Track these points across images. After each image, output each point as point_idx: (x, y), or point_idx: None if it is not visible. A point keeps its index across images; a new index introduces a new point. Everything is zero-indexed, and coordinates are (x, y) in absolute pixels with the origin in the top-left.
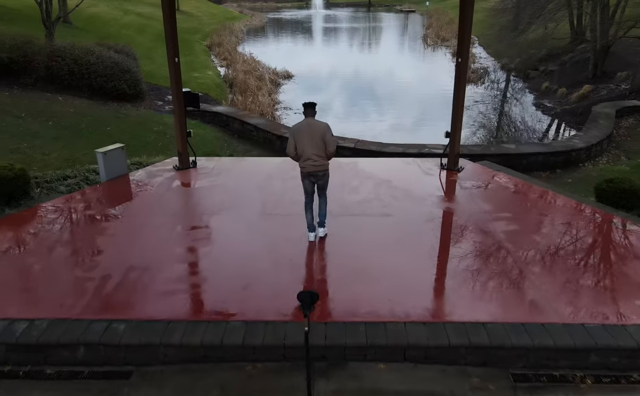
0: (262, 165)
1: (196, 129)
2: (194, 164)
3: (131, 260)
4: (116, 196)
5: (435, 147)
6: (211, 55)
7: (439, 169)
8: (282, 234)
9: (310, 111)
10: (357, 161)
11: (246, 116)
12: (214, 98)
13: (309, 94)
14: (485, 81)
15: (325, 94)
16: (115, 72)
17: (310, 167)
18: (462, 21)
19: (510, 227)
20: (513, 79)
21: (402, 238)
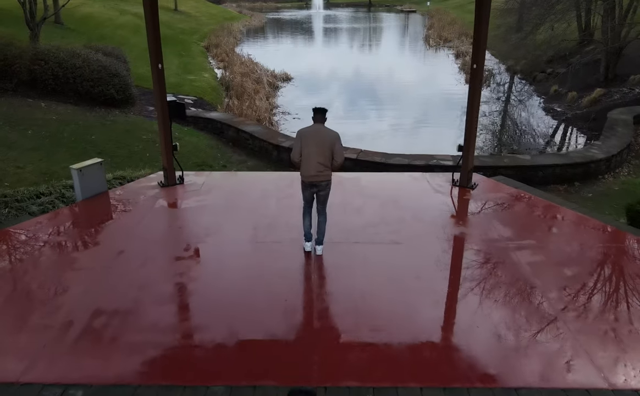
0: (256, 181)
1: (188, 137)
2: (181, 180)
3: (99, 301)
4: (91, 219)
5: (443, 159)
6: (208, 57)
7: (450, 186)
8: (276, 267)
9: (320, 116)
10: (360, 176)
11: (241, 123)
12: (209, 102)
13: (308, 98)
14: (490, 83)
15: (326, 97)
16: (103, 76)
17: (312, 176)
18: (478, 24)
19: (537, 258)
20: (519, 81)
21: (413, 271)
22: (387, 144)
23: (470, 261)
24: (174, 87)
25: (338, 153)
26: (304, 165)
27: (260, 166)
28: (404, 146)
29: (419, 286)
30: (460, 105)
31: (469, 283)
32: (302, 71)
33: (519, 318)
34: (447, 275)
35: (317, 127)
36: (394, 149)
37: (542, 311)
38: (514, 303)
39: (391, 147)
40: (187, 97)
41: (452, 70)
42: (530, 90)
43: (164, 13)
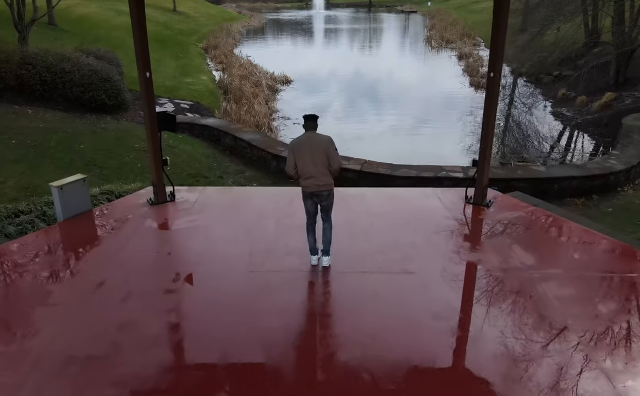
0: (253, 198)
1: (183, 145)
2: (172, 197)
3: (73, 345)
4: (71, 243)
5: (453, 170)
6: (206, 59)
7: (464, 204)
8: (272, 304)
9: (311, 124)
10: (365, 192)
11: (239, 131)
12: (206, 107)
13: (309, 102)
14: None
15: (327, 100)
16: (94, 81)
17: (313, 187)
18: (496, 30)
19: (565, 291)
20: (525, 84)
21: (428, 308)
22: (390, 147)
23: (491, 296)
24: (170, 91)
25: (333, 158)
26: (302, 177)
27: (259, 177)
28: (409, 150)
29: (435, 327)
30: (464, 107)
31: (491, 324)
32: (302, 73)
33: (552, 371)
34: (467, 313)
35: (309, 135)
36: (398, 151)
37: (580, 361)
38: (548, 352)
39: (394, 150)
40: (183, 102)
41: (455, 72)
42: (537, 93)
43: (162, 13)
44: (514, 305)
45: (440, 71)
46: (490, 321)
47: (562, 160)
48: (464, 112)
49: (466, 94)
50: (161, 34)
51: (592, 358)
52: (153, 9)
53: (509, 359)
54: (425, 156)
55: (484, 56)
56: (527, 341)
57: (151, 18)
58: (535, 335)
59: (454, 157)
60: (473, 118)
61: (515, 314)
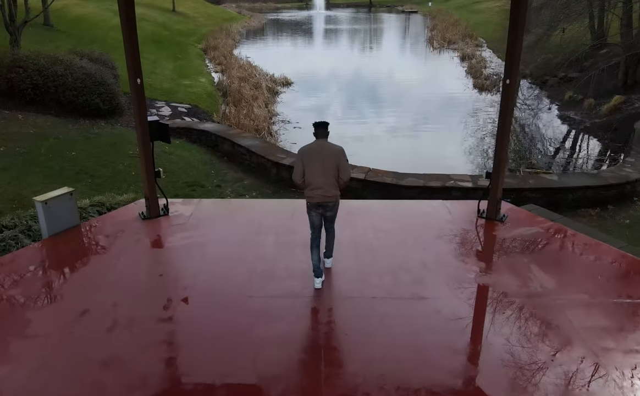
0: (251, 211)
1: (180, 151)
2: (166, 210)
3: (48, 387)
4: (56, 264)
5: (461, 179)
6: (205, 60)
7: (476, 218)
8: (273, 334)
9: (322, 131)
10: (371, 205)
11: (238, 136)
12: (204, 110)
13: (309, 105)
14: (500, 88)
15: (328, 102)
16: (87, 84)
17: (319, 197)
18: (513, 32)
19: (594, 321)
20: (530, 86)
21: (444, 341)
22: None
23: (512, 325)
24: (168, 94)
25: (344, 170)
26: (308, 186)
27: (258, 185)
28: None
29: (451, 363)
30: (468, 109)
31: (515, 358)
32: (302, 75)
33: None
34: (487, 346)
35: (320, 143)
36: (401, 155)
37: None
38: (579, 391)
39: (398, 154)
40: (180, 105)
41: (458, 73)
42: (543, 96)
43: (161, 14)
44: (538, 337)
45: (442, 72)
46: (513, 355)
47: (572, 166)
48: (467, 114)
49: (470, 96)
50: (159, 34)
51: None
52: (152, 10)
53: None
54: (430, 160)
55: (486, 57)
56: (552, 377)
57: (150, 18)
58: (560, 370)
59: (459, 160)
60: (476, 120)
61: (541, 347)
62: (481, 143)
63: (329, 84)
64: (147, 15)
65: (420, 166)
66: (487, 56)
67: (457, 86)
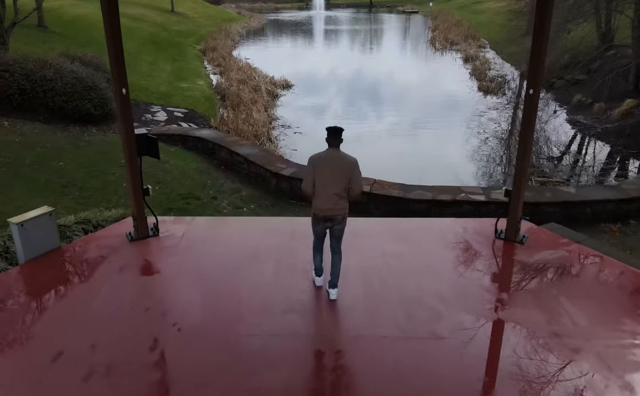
0: (248, 231)
1: (175, 160)
2: (156, 231)
3: None
4: (30, 294)
5: (473, 192)
6: (204, 61)
7: (493, 239)
8: (272, 383)
9: (335, 139)
10: (379, 223)
11: (235, 144)
12: (201, 115)
13: (310, 108)
14: (505, 90)
15: (329, 106)
16: (78, 89)
17: (327, 210)
18: (537, 39)
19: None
20: None
21: (467, 388)
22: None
23: (545, 371)
24: (164, 98)
25: (356, 182)
26: (317, 197)
27: (257, 197)
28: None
29: None
30: (473, 112)
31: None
32: (303, 77)
33: None
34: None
35: (332, 152)
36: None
37: None
38: None
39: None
40: (177, 110)
41: (462, 75)
42: (550, 99)
43: (159, 14)
44: (576, 389)
45: (446, 73)
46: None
47: (586, 175)
48: (473, 118)
49: (474, 98)
50: (158, 35)
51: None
52: (150, 10)
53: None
54: (437, 165)
55: (490, 58)
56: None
57: (148, 19)
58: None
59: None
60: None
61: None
62: (485, 146)
63: (330, 87)
64: (145, 16)
65: (426, 170)
66: (490, 57)
67: (461, 88)
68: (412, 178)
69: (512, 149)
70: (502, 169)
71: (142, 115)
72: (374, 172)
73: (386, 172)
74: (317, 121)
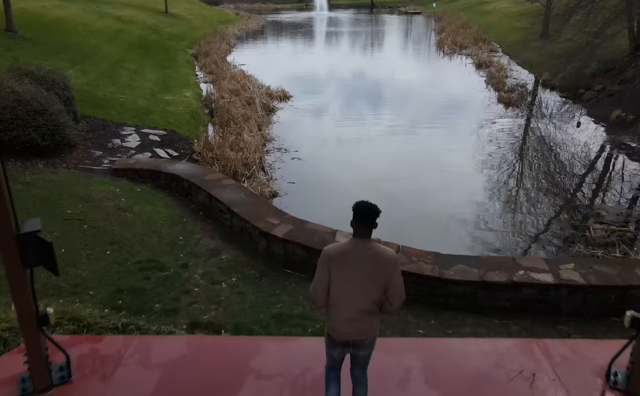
0: (217, 363)
1: (141, 205)
2: (66, 374)
3: None
4: None
5: (534, 268)
6: (196, 67)
7: (602, 388)
8: None
9: (365, 226)
10: (410, 352)
11: (216, 185)
12: (183, 137)
13: (311, 126)
14: (529, 102)
15: (334, 120)
16: (20, 114)
17: (351, 332)
18: None
19: None
20: (562, 100)
21: None
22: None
23: None
24: (141, 115)
25: (396, 292)
26: (334, 312)
27: (240, 264)
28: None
29: None
30: (498, 131)
31: None
32: (302, 86)
33: None
34: None
35: (360, 245)
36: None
37: None
38: None
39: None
40: (153, 131)
41: (477, 84)
42: (582, 113)
43: (152, 16)
44: None
45: (460, 82)
46: None
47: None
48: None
49: (496, 112)
50: (147, 39)
51: None
52: (142, 11)
53: None
54: (467, 203)
55: (505, 64)
56: None
57: (138, 21)
58: None
59: (494, 205)
60: (512, 147)
61: None
62: (515, 171)
63: (333, 98)
64: (136, 17)
65: (452, 203)
66: (505, 63)
67: (479, 99)
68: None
69: (558, 179)
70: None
71: (110, 140)
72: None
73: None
74: (319, 143)
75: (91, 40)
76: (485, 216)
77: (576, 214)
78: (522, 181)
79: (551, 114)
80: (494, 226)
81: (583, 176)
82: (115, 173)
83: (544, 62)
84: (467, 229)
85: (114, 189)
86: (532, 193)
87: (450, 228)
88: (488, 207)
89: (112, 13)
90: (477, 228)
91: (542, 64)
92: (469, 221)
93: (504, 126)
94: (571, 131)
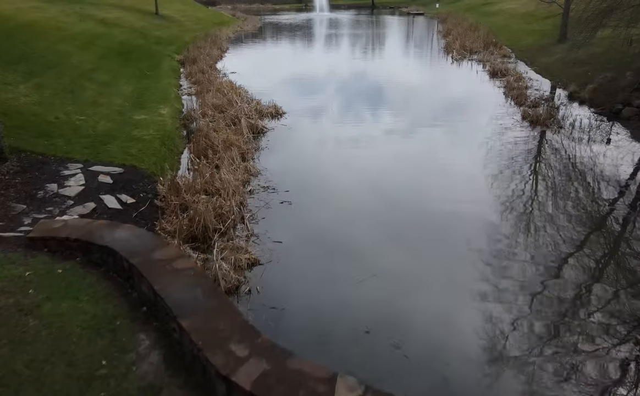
0: None
1: (54, 301)
2: None
3: None
4: None
5: None
6: (181, 76)
7: None
8: None
9: None
10: None
11: (165, 270)
12: (147, 173)
13: (305, 148)
14: (559, 121)
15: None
16: None
17: None
18: None
19: None
20: (596, 118)
21: None
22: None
23: None
24: (96, 145)
25: None
26: None
27: None
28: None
29: None
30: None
31: None
32: (298, 99)
33: None
34: None
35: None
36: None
37: None
38: None
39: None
40: (105, 170)
41: (495, 97)
42: (623, 134)
43: (140, 18)
44: None
45: (474, 94)
46: None
47: None
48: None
49: (525, 134)
50: (130, 44)
51: None
52: (131, 13)
53: None
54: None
55: (520, 71)
56: None
57: (124, 24)
58: None
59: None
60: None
61: None
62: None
63: (334, 115)
64: (122, 20)
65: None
66: (521, 70)
67: (500, 116)
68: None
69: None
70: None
71: (43, 185)
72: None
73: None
74: (316, 178)
75: (62, 47)
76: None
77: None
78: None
79: (588, 136)
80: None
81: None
82: (32, 244)
83: (565, 70)
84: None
85: (22, 273)
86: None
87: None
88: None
89: (96, 15)
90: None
91: (563, 72)
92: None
93: (546, 158)
94: (614, 159)
